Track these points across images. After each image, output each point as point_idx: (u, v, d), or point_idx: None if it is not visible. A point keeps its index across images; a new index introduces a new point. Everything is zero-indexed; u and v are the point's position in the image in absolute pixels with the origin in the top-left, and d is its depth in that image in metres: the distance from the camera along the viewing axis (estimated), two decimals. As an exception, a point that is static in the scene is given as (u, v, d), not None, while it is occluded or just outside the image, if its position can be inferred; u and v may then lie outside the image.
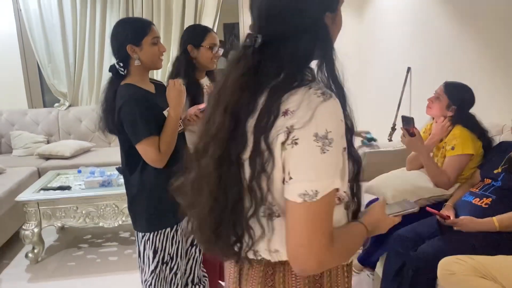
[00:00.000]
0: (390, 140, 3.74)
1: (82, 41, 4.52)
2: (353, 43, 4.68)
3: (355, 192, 0.91)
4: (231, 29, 6.74)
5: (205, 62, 2.15)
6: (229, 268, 1.03)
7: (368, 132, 3.00)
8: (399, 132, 2.57)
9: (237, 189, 0.84)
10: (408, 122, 2.28)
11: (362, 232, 0.93)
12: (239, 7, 4.64)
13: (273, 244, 0.88)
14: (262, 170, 0.80)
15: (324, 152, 0.76)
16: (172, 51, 4.54)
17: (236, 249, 0.89)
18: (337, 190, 0.81)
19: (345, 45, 4.96)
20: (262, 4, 0.86)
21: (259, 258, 0.91)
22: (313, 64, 0.87)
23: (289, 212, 0.80)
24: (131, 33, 1.70)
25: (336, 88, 0.83)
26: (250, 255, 0.91)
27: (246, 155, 0.83)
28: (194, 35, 2.16)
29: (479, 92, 2.32)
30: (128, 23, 1.78)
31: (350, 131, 0.84)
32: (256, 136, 0.80)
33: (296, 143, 0.76)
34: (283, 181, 0.81)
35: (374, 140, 3.01)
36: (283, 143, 0.78)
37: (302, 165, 0.77)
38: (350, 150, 0.85)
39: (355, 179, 0.89)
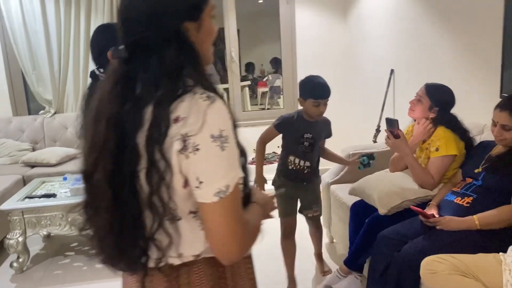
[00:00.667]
0: (374, 141, 3.77)
1: (66, 47, 4.48)
2: (337, 46, 4.71)
3: (245, 179, 0.95)
4: (217, 33, 6.76)
5: None
6: (127, 278, 1.01)
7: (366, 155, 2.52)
8: (383, 133, 2.58)
9: (135, 204, 0.85)
10: (392, 124, 2.30)
11: (259, 211, 1.01)
12: (223, 12, 4.64)
13: (178, 248, 0.89)
14: (161, 181, 0.81)
15: (224, 149, 0.80)
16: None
17: (142, 261, 0.88)
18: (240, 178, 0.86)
19: (329, 48, 5.01)
20: (122, 16, 0.88)
21: (161, 265, 0.90)
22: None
23: (208, 214, 0.83)
24: (112, 39, 1.70)
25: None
26: (152, 264, 0.90)
27: (140, 168, 0.83)
28: None
29: (459, 92, 2.35)
30: (108, 28, 1.78)
31: (234, 125, 0.86)
32: (150, 149, 0.81)
33: (197, 149, 0.79)
34: (183, 185, 0.83)
35: (372, 158, 2.52)
36: (180, 151, 0.80)
37: (209, 167, 0.81)
38: (237, 142, 0.88)
39: (244, 168, 0.93)
